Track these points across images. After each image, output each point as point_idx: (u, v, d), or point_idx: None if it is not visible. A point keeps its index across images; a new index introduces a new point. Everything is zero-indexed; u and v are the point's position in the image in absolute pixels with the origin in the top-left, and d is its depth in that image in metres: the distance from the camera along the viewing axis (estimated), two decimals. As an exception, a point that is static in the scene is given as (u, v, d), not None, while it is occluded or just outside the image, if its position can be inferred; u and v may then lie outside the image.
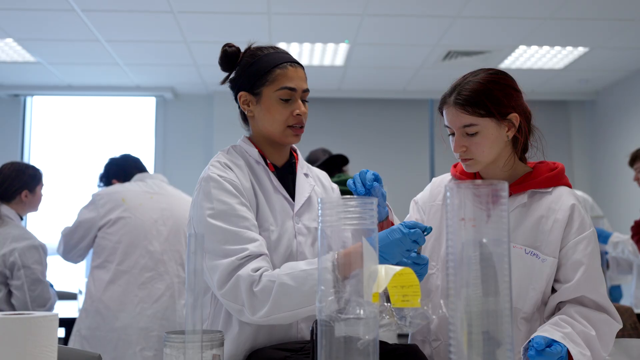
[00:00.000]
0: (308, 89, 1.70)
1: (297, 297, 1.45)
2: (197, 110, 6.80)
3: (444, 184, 1.80)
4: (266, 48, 1.72)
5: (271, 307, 1.46)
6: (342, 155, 3.85)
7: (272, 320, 1.48)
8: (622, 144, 6.19)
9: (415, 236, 1.36)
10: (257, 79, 1.67)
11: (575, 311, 1.55)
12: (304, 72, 1.72)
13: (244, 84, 1.71)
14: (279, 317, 1.47)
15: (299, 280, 1.46)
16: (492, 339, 1.05)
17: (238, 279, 1.48)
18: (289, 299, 1.45)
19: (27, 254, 2.90)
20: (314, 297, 1.40)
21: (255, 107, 1.70)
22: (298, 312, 1.46)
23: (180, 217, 3.14)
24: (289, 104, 1.67)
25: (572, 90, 6.70)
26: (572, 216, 1.61)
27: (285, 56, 1.70)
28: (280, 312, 1.46)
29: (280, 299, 1.45)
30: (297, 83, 1.67)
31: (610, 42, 5.19)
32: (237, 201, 1.58)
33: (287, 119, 1.67)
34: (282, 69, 1.67)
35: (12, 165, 3.12)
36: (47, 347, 1.16)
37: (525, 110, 1.66)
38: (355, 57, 5.58)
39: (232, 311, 1.53)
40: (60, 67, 5.84)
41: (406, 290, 1.12)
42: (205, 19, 4.66)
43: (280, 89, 1.66)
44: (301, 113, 1.67)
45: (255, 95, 1.69)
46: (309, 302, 1.44)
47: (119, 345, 2.84)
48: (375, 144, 6.84)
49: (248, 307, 1.47)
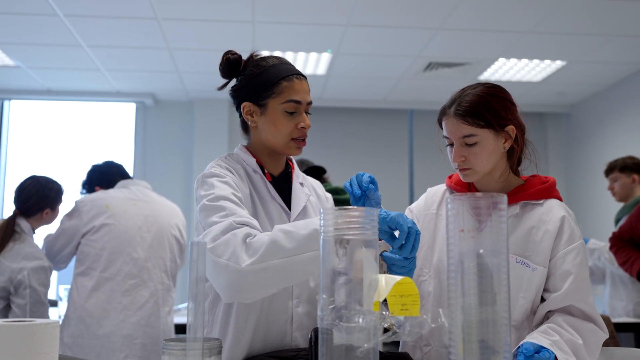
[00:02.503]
0: (311, 101, 1.72)
1: (294, 240, 1.40)
2: (177, 116, 6.79)
3: (439, 194, 1.84)
4: (270, 58, 1.72)
5: (264, 253, 1.39)
6: (320, 167, 3.90)
7: (262, 269, 1.39)
8: (596, 156, 6.33)
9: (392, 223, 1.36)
10: (263, 90, 1.67)
11: (563, 320, 1.58)
12: (308, 85, 1.72)
13: (248, 94, 1.70)
14: (272, 264, 1.39)
15: (298, 225, 1.44)
16: (488, 347, 1.08)
17: (234, 234, 1.44)
18: (286, 242, 1.40)
19: (35, 275, 2.86)
20: (313, 243, 1.38)
21: (260, 118, 1.70)
22: (293, 259, 1.39)
23: (164, 224, 3.13)
24: (294, 116, 1.68)
25: (549, 102, 6.83)
26: (562, 227, 1.65)
27: (291, 68, 1.71)
28: (274, 258, 1.39)
29: (276, 243, 1.40)
30: (303, 96, 1.68)
31: (586, 56, 5.31)
32: (236, 193, 1.59)
33: (291, 132, 1.68)
34: (289, 81, 1.67)
35: (37, 182, 3.08)
36: (48, 353, 1.16)
37: (520, 123, 1.71)
38: (338, 67, 5.63)
39: (217, 270, 1.42)
40: (40, 71, 5.79)
41: (405, 299, 1.14)
42: (189, 26, 4.67)
43: (287, 101, 1.66)
44: (305, 126, 1.68)
45: (260, 106, 1.69)
46: (306, 248, 1.39)
47: (103, 352, 2.82)
48: (356, 152, 6.90)
49: (238, 256, 1.40)
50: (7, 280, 2.83)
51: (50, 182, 3.14)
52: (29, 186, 3.07)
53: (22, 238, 2.95)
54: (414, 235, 1.37)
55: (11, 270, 2.84)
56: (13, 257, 2.87)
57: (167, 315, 3.04)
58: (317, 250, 1.33)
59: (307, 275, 1.46)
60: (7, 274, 2.83)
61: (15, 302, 2.83)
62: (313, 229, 1.41)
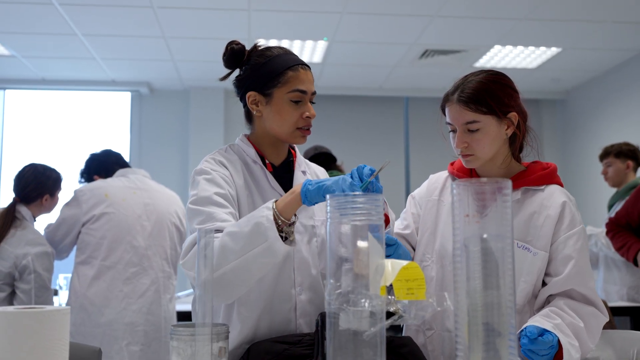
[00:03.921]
0: (316, 91, 1.73)
1: (239, 240, 1.44)
2: (172, 105, 6.77)
3: (441, 180, 1.86)
4: (275, 48, 1.73)
5: (217, 261, 1.44)
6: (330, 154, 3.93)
7: (220, 276, 1.44)
8: (591, 142, 6.35)
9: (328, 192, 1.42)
10: (269, 80, 1.69)
11: (565, 304, 1.61)
12: (312, 75, 1.74)
13: (253, 83, 1.71)
14: (228, 269, 1.44)
15: (241, 223, 1.48)
16: (494, 330, 1.09)
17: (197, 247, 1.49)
18: (233, 244, 1.44)
19: (39, 260, 2.91)
20: (257, 237, 1.42)
21: (265, 108, 1.71)
22: (246, 257, 1.43)
23: (164, 212, 3.15)
24: (299, 106, 1.69)
25: (544, 89, 6.85)
26: (563, 213, 1.68)
27: (296, 58, 1.72)
28: (227, 263, 1.44)
29: (225, 247, 1.45)
30: (308, 86, 1.70)
31: (582, 43, 5.32)
32: (219, 191, 1.62)
33: (297, 121, 1.69)
34: (294, 71, 1.69)
35: (34, 169, 3.11)
36: (59, 340, 1.17)
37: (522, 110, 1.73)
38: (333, 55, 5.63)
39: (191, 280, 1.52)
40: (34, 60, 5.76)
41: (411, 283, 1.16)
42: (185, 14, 4.65)
43: (292, 91, 1.68)
44: (310, 115, 1.70)
45: (266, 96, 1.70)
46: (253, 245, 1.43)
47: (105, 340, 2.84)
48: (352, 140, 6.90)
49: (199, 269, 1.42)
50: (12, 265, 2.86)
51: (48, 169, 3.16)
52: (27, 173, 3.09)
53: (23, 225, 2.98)
54: None
55: (15, 256, 2.87)
56: (16, 243, 2.90)
57: (169, 303, 3.07)
58: (263, 242, 1.42)
59: (266, 266, 1.49)
60: (11, 259, 2.86)
61: (20, 288, 2.86)
62: (254, 223, 1.45)
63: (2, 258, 2.87)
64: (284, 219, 1.45)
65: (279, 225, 1.44)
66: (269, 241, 1.42)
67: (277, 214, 1.45)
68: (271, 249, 1.43)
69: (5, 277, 2.86)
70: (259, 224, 1.43)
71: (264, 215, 1.44)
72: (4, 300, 2.85)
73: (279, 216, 1.45)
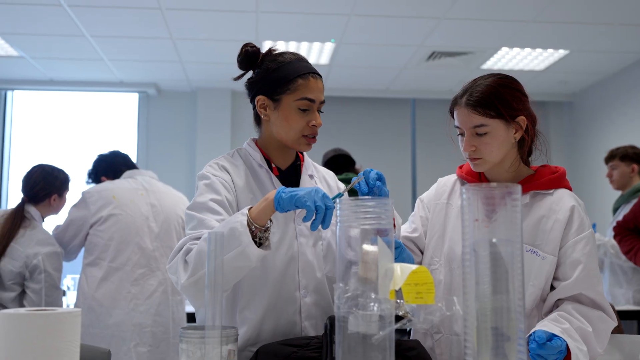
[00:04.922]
0: (324, 100, 1.74)
1: None
2: (180, 106, 6.79)
3: (449, 184, 1.86)
4: (287, 54, 1.74)
5: (194, 266, 1.48)
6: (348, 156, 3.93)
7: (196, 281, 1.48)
8: (598, 144, 6.34)
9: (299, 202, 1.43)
10: (279, 85, 1.69)
11: (573, 308, 1.61)
12: (323, 84, 1.75)
13: (263, 88, 1.72)
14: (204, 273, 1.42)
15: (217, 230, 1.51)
16: (502, 334, 1.09)
17: (180, 253, 1.54)
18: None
19: (49, 260, 2.93)
20: (233, 241, 1.45)
21: (273, 113, 1.72)
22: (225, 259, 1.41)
23: (171, 214, 3.16)
24: (306, 114, 1.70)
25: (551, 91, 6.84)
26: (572, 217, 1.68)
27: (308, 66, 1.73)
28: (203, 267, 1.46)
29: (201, 252, 1.48)
30: (317, 95, 1.71)
31: (589, 45, 5.31)
32: (215, 197, 1.64)
33: (303, 129, 1.70)
34: (305, 79, 1.69)
35: (43, 170, 3.13)
36: (71, 342, 1.18)
37: (531, 114, 1.73)
38: (341, 57, 5.63)
39: (175, 284, 1.57)
40: (43, 61, 5.79)
41: (420, 287, 1.16)
42: (193, 16, 4.66)
43: (301, 99, 1.68)
44: (317, 124, 1.71)
45: (275, 101, 1.71)
46: (229, 248, 1.45)
47: (113, 341, 2.86)
48: (359, 141, 6.89)
49: (179, 274, 1.51)
50: (23, 265, 2.88)
51: (56, 169, 3.18)
52: (36, 173, 3.11)
53: (32, 224, 2.99)
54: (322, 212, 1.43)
55: (26, 255, 2.89)
56: (26, 242, 2.92)
57: (179, 304, 3.08)
58: (238, 246, 1.44)
59: (241, 270, 1.51)
60: (22, 259, 2.88)
61: (30, 287, 2.88)
62: (230, 227, 1.47)
63: (12, 258, 2.89)
64: (257, 225, 1.48)
65: (253, 231, 1.47)
66: (242, 246, 1.45)
67: (250, 220, 1.48)
68: (244, 253, 1.46)
69: (15, 277, 2.88)
70: (233, 229, 1.47)
71: (238, 221, 1.48)
72: (13, 299, 2.87)
73: (253, 223, 1.48)
